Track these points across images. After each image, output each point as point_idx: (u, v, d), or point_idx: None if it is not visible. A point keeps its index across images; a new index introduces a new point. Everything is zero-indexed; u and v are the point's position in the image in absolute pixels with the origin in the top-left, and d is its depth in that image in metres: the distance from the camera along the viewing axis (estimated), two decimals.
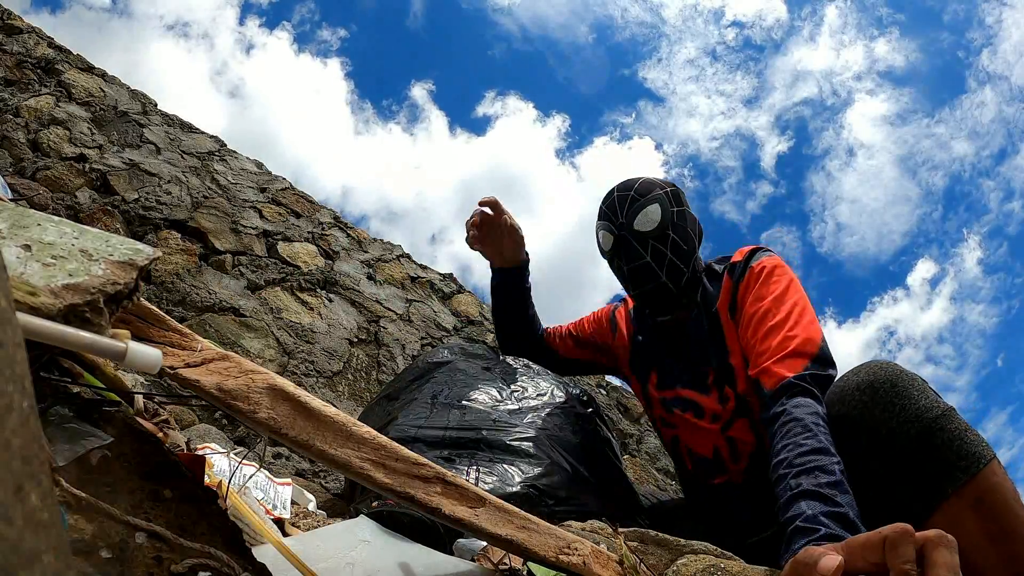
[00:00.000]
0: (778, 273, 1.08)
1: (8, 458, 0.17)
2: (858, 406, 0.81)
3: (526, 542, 0.51)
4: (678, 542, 0.81)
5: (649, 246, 1.14)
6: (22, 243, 0.40)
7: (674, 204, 1.17)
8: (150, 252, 0.45)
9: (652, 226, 1.14)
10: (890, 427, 0.78)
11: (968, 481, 0.73)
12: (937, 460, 0.75)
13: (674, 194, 1.18)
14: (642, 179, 1.20)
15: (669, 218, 1.15)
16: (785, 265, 1.10)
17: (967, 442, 0.75)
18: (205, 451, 0.71)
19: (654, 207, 1.14)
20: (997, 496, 0.73)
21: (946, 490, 0.74)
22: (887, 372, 0.81)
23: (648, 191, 1.16)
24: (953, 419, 0.77)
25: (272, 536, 0.61)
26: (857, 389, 0.82)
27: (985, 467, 0.74)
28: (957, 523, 0.72)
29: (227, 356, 0.49)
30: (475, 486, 0.52)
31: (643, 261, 1.14)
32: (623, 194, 1.18)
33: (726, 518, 1.14)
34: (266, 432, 0.46)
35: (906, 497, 0.78)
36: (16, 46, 2.67)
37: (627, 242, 1.16)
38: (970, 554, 0.70)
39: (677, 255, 1.14)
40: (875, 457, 0.80)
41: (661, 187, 1.18)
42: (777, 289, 1.05)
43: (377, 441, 0.49)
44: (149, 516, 0.41)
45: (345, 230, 2.91)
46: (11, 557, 0.16)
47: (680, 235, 1.15)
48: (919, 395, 0.79)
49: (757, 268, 1.10)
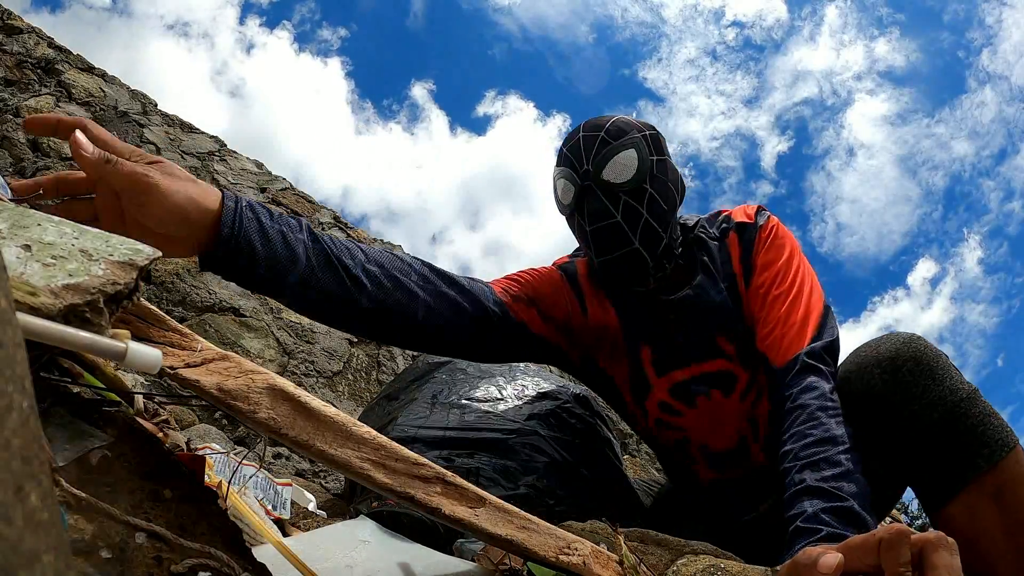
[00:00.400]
0: (782, 235, 0.99)
1: (8, 458, 0.17)
2: (878, 384, 0.78)
3: (526, 542, 0.51)
4: (678, 542, 0.81)
5: (621, 202, 0.92)
6: (22, 243, 0.40)
7: (654, 151, 0.96)
8: (150, 252, 0.45)
9: (626, 177, 0.92)
10: (912, 409, 0.75)
11: (990, 470, 0.71)
12: (959, 446, 0.73)
13: (654, 138, 0.97)
14: (616, 117, 0.98)
15: (647, 168, 0.93)
16: (784, 227, 1.02)
17: (991, 427, 0.73)
18: (205, 451, 0.71)
19: (629, 153, 0.93)
20: (1019, 490, 0.71)
21: (967, 478, 0.72)
22: (911, 349, 0.77)
23: (623, 133, 0.94)
24: (977, 403, 0.74)
25: (272, 536, 0.61)
26: (878, 365, 0.78)
27: (1008, 455, 0.71)
28: (975, 513, 0.71)
29: (227, 356, 0.50)
30: (475, 486, 0.53)
31: (612, 220, 0.93)
32: (591, 134, 0.95)
33: (732, 505, 1.06)
34: (266, 432, 0.46)
35: (924, 482, 0.76)
36: (16, 46, 2.67)
37: (593, 195, 0.94)
38: (982, 544, 0.70)
39: (654, 215, 0.94)
40: (894, 439, 0.77)
41: (639, 129, 0.96)
42: (783, 254, 0.96)
43: (377, 441, 0.49)
44: (149, 516, 0.41)
45: (345, 230, 2.91)
46: (11, 557, 0.16)
47: (659, 190, 0.95)
48: (943, 375, 0.75)
49: (767, 230, 0.99)
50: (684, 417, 1.02)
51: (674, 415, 1.03)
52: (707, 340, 1.00)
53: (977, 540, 0.70)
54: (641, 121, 1.00)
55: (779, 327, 0.90)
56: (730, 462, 1.03)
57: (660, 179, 0.96)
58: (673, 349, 1.01)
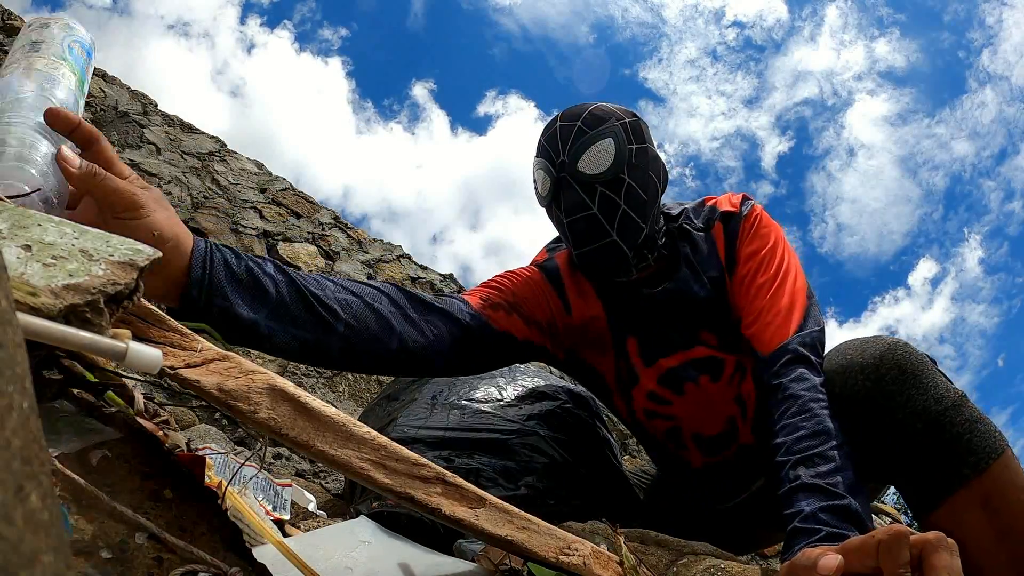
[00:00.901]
0: (766, 224, 0.98)
1: (8, 458, 0.17)
2: (861, 391, 0.77)
3: (526, 542, 0.51)
4: (678, 542, 0.81)
5: (597, 193, 0.91)
6: (22, 243, 0.40)
7: (633, 140, 0.94)
8: (151, 252, 0.45)
9: (602, 168, 0.91)
10: (896, 418, 0.74)
11: (976, 477, 0.70)
12: (945, 455, 0.72)
13: (633, 126, 0.95)
14: (595, 105, 0.96)
15: (625, 157, 0.92)
16: (768, 215, 1.01)
17: (977, 435, 0.72)
18: (205, 451, 0.71)
19: (606, 143, 0.91)
20: (1008, 495, 0.70)
21: (953, 487, 0.71)
22: (894, 356, 0.76)
23: (600, 122, 0.93)
24: (963, 410, 0.73)
25: (272, 536, 0.61)
26: (861, 372, 0.77)
27: (995, 461, 0.70)
28: (963, 520, 0.70)
29: (227, 356, 0.50)
30: (475, 486, 0.53)
31: (588, 212, 0.91)
32: (567, 124, 0.94)
33: (724, 486, 1.05)
34: (267, 432, 0.46)
35: (910, 489, 0.76)
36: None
37: (568, 187, 0.92)
38: (975, 552, 0.68)
39: (633, 206, 0.92)
40: (878, 448, 0.77)
41: (618, 117, 0.95)
42: (767, 243, 0.96)
43: (377, 441, 0.49)
44: (149, 516, 0.41)
45: (345, 231, 2.91)
46: (11, 557, 0.16)
47: (638, 180, 0.93)
48: (928, 383, 0.74)
49: (751, 219, 0.99)
50: (673, 406, 1.02)
51: (663, 404, 1.02)
52: (690, 332, 1.00)
53: (965, 546, 0.66)
54: (621, 108, 0.97)
55: (764, 315, 0.89)
56: (721, 445, 1.03)
57: (639, 168, 0.94)
58: (659, 339, 1.01)
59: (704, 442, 1.04)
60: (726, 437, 1.03)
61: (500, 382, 1.22)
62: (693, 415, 1.02)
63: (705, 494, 1.08)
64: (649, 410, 1.04)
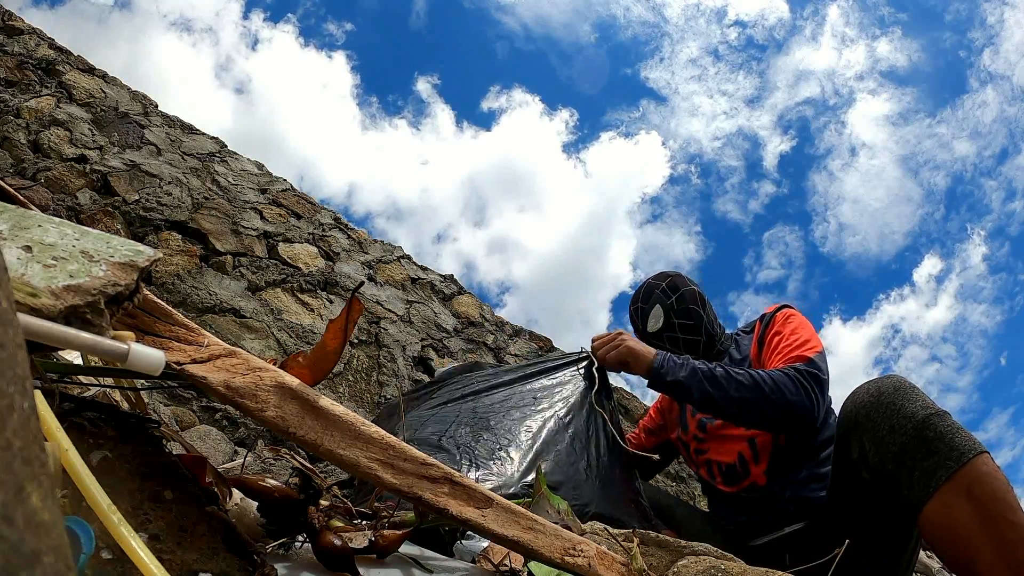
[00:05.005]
0: (792, 315, 1.35)
1: (9, 459, 0.17)
2: (865, 407, 0.95)
3: (532, 543, 0.51)
4: (679, 543, 0.80)
5: (665, 339, 1.45)
6: (23, 244, 0.40)
7: (672, 295, 1.45)
8: (151, 253, 0.45)
9: (659, 326, 1.45)
10: (891, 424, 0.90)
11: (958, 470, 0.82)
12: (931, 453, 0.85)
13: (671, 286, 1.46)
14: (646, 284, 1.50)
15: (670, 310, 1.45)
16: (801, 315, 1.37)
17: (960, 437, 0.85)
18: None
19: (656, 310, 1.45)
20: (987, 485, 0.81)
21: (940, 478, 0.83)
22: (892, 381, 0.96)
23: (649, 295, 1.47)
24: (945, 419, 0.87)
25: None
26: (867, 394, 0.96)
27: (975, 458, 0.82)
28: (952, 508, 0.82)
29: (234, 352, 0.49)
30: (482, 487, 0.52)
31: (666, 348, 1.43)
32: (634, 307, 1.50)
33: (752, 522, 1.28)
34: (274, 430, 0.46)
35: (906, 485, 0.87)
36: (17, 47, 2.67)
37: (651, 341, 1.44)
38: (964, 536, 0.80)
39: (688, 333, 1.44)
40: (880, 450, 0.91)
41: (658, 286, 1.47)
42: (791, 325, 1.32)
43: (385, 441, 0.48)
44: (150, 517, 0.41)
45: (346, 231, 2.91)
46: (12, 558, 0.15)
47: (684, 317, 1.44)
48: (916, 396, 0.92)
49: (782, 314, 1.36)
50: (705, 442, 1.39)
51: (700, 442, 1.40)
52: None
53: (956, 532, 0.81)
54: (664, 273, 1.50)
55: (777, 348, 1.26)
56: (734, 476, 1.32)
57: (682, 311, 1.45)
58: None
59: (721, 470, 1.35)
60: (736, 469, 1.32)
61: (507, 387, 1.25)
62: (714, 447, 1.37)
63: (738, 522, 1.31)
64: (698, 448, 1.42)
